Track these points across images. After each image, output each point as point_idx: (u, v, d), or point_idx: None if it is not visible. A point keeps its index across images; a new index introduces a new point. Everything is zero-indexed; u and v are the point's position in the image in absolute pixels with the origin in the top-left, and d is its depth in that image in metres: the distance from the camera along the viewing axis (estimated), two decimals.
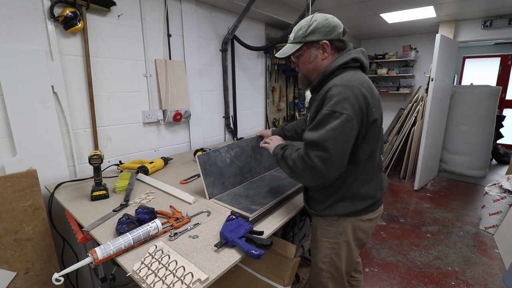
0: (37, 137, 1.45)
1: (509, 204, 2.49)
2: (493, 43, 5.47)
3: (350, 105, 0.87)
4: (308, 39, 1.00)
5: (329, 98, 0.90)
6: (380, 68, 5.08)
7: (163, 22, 2.01)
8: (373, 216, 1.09)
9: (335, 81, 0.94)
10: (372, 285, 1.96)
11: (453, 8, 3.33)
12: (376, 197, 1.06)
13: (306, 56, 1.03)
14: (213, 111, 2.57)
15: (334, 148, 0.87)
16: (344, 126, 0.86)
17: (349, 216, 1.05)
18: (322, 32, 0.99)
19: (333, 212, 1.05)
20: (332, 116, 0.87)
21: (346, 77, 0.93)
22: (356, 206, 1.03)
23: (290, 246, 1.24)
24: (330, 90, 0.91)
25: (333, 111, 0.87)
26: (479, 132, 3.93)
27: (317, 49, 1.01)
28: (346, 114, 0.86)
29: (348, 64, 0.98)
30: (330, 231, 1.09)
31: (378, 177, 1.08)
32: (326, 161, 0.87)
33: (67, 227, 1.43)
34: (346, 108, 0.86)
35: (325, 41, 0.99)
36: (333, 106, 0.88)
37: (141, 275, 0.76)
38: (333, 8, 3.24)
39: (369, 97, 0.91)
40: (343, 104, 0.87)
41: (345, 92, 0.88)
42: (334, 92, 0.89)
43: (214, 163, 1.33)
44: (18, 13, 1.36)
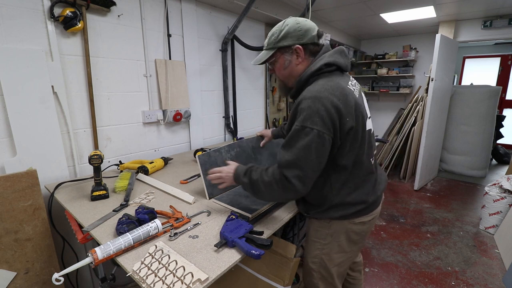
0: (37, 137, 1.45)
1: (509, 204, 2.49)
2: (493, 43, 5.47)
3: (320, 119, 0.85)
4: (280, 45, 0.98)
5: (300, 112, 0.88)
6: (380, 68, 5.08)
7: (163, 22, 2.01)
8: (366, 219, 1.07)
9: (305, 92, 0.91)
10: (372, 285, 1.96)
11: (453, 8, 3.33)
12: (368, 202, 1.04)
13: (281, 62, 1.02)
14: (213, 111, 2.57)
15: (308, 166, 0.87)
16: (316, 142, 0.85)
17: (341, 219, 1.05)
18: (294, 37, 0.96)
19: (326, 216, 1.05)
20: (303, 132, 0.86)
21: (316, 88, 0.90)
22: (347, 210, 1.02)
23: (290, 246, 1.24)
24: (301, 103, 0.89)
25: (304, 127, 0.86)
26: (479, 132, 3.94)
27: (290, 55, 0.99)
28: (316, 129, 0.84)
29: (321, 70, 0.95)
30: (322, 232, 1.09)
31: (368, 182, 1.05)
32: (303, 179, 0.88)
33: (67, 227, 1.43)
34: (316, 123, 0.85)
35: (298, 45, 0.97)
36: (303, 121, 0.86)
37: (141, 275, 0.76)
38: (333, 8, 3.24)
39: (342, 107, 0.87)
40: (313, 118, 0.85)
41: (315, 106, 0.85)
42: (304, 106, 0.87)
43: (215, 163, 1.32)
44: (18, 13, 1.36)
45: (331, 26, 4.12)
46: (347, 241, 1.09)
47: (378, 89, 5.18)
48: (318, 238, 1.11)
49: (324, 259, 1.11)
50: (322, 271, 1.14)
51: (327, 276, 1.14)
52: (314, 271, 1.15)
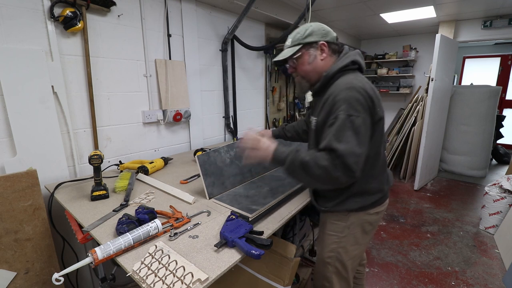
0: (37, 137, 1.45)
1: (509, 204, 2.49)
2: (493, 43, 5.47)
3: (361, 107, 0.92)
4: (306, 40, 1.05)
5: (340, 102, 0.93)
6: (380, 68, 5.08)
7: (163, 22, 2.01)
8: (380, 209, 1.14)
9: (340, 85, 0.97)
10: (372, 285, 1.96)
11: (453, 8, 3.33)
12: (384, 191, 1.12)
13: (305, 58, 1.07)
14: (213, 111, 2.57)
15: (362, 151, 0.91)
16: (363, 128, 0.91)
17: (359, 211, 1.09)
18: (319, 34, 1.05)
19: (344, 208, 1.09)
20: (349, 120, 0.90)
21: (349, 80, 0.97)
22: (366, 200, 1.08)
23: (290, 246, 1.24)
24: (339, 95, 0.94)
25: (349, 115, 0.91)
26: (479, 132, 3.93)
27: (315, 50, 1.06)
28: (362, 116, 0.91)
29: (347, 67, 1.02)
30: (339, 225, 1.13)
31: (384, 172, 1.13)
32: (359, 163, 0.91)
33: (67, 227, 1.43)
34: (359, 111, 0.91)
35: (323, 41, 1.05)
36: (347, 110, 0.91)
37: (141, 275, 0.76)
38: (333, 8, 3.24)
39: (374, 97, 0.95)
40: (356, 107, 0.91)
41: (354, 95, 0.92)
42: (343, 96, 0.93)
43: (214, 163, 1.33)
44: (18, 13, 1.36)
45: (331, 26, 4.09)
46: (362, 232, 1.14)
47: (378, 89, 5.18)
48: (335, 232, 1.14)
49: (340, 252, 1.15)
50: (338, 265, 1.16)
51: (342, 269, 1.17)
52: (330, 265, 1.17)
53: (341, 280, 1.19)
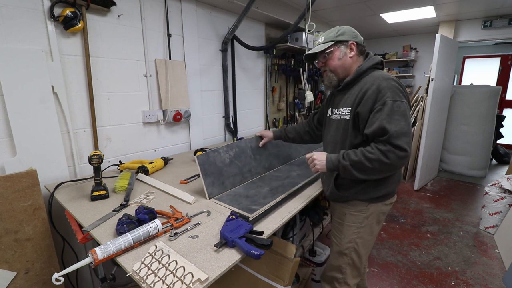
0: (37, 137, 1.45)
1: (509, 204, 2.49)
2: (493, 43, 5.47)
3: (403, 95, 1.04)
4: (339, 38, 1.16)
5: (385, 90, 1.03)
6: None
7: (163, 22, 2.01)
8: (393, 200, 1.23)
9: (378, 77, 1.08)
10: (372, 285, 1.96)
11: (453, 8, 3.33)
12: (400, 180, 1.21)
13: (336, 54, 1.17)
14: (213, 111, 2.57)
15: (410, 130, 1.02)
16: (407, 112, 1.03)
17: (380, 200, 1.17)
18: (350, 35, 1.17)
19: (367, 197, 1.15)
20: (396, 105, 1.01)
21: (383, 75, 1.09)
22: (388, 189, 1.15)
23: (290, 246, 1.24)
24: (381, 84, 1.05)
25: (395, 101, 1.01)
26: (479, 132, 3.93)
27: (346, 48, 1.17)
28: (405, 102, 1.04)
29: (377, 64, 1.17)
30: (359, 216, 1.19)
31: None
32: (410, 144, 1.01)
33: (67, 227, 1.43)
34: (402, 97, 1.03)
35: (353, 41, 1.16)
36: (393, 96, 1.02)
37: (141, 275, 0.76)
38: (333, 8, 3.24)
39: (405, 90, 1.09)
40: (399, 94, 1.03)
41: (394, 85, 1.05)
42: (386, 85, 1.04)
43: (214, 163, 1.33)
44: (18, 13, 1.36)
45: (331, 26, 4.11)
46: (377, 223, 1.22)
47: None
48: (354, 223, 1.20)
49: (358, 243, 1.21)
50: (354, 256, 1.23)
51: (357, 260, 1.24)
52: (347, 256, 1.24)
53: (353, 270, 1.26)
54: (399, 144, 0.98)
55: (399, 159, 0.99)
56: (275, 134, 1.59)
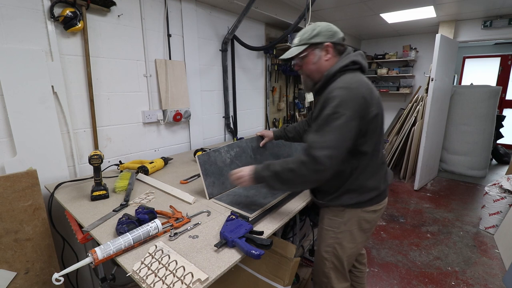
0: (37, 137, 1.45)
1: (509, 204, 2.49)
2: (493, 43, 5.47)
3: (350, 107, 0.94)
4: (313, 41, 1.07)
5: (332, 99, 0.96)
6: (380, 68, 5.08)
7: (163, 22, 2.01)
8: (377, 207, 1.14)
9: (336, 83, 1.00)
10: (372, 285, 1.96)
11: (453, 8, 3.33)
12: (380, 189, 1.12)
13: (311, 57, 1.09)
14: (213, 111, 2.57)
15: (338, 146, 0.94)
16: (345, 126, 0.93)
17: (355, 207, 1.11)
18: (325, 35, 1.06)
19: (339, 203, 1.11)
20: (334, 116, 0.94)
21: (346, 80, 1.00)
22: (362, 197, 1.10)
23: (290, 246, 1.24)
24: (333, 92, 0.97)
25: (335, 112, 0.94)
26: (479, 132, 3.93)
27: (321, 50, 1.08)
28: (346, 115, 0.93)
29: (347, 66, 1.05)
30: (336, 221, 1.15)
31: (382, 170, 1.14)
32: (332, 159, 0.93)
33: (67, 227, 1.43)
34: (347, 109, 0.93)
35: (329, 43, 1.06)
36: (335, 107, 0.94)
37: (141, 275, 0.76)
38: (333, 8, 3.24)
39: (368, 97, 0.98)
40: (344, 105, 0.94)
41: (346, 94, 0.95)
42: (336, 94, 0.96)
43: (214, 163, 1.33)
44: (18, 13, 1.36)
45: None
46: (359, 230, 1.15)
47: (378, 89, 5.18)
48: (331, 227, 1.16)
49: (337, 248, 1.17)
50: (334, 260, 1.19)
51: (339, 265, 1.19)
52: (327, 260, 1.20)
53: (338, 275, 1.21)
54: (318, 156, 0.92)
55: (313, 173, 0.94)
56: (275, 134, 1.59)
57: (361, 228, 1.15)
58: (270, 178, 1.03)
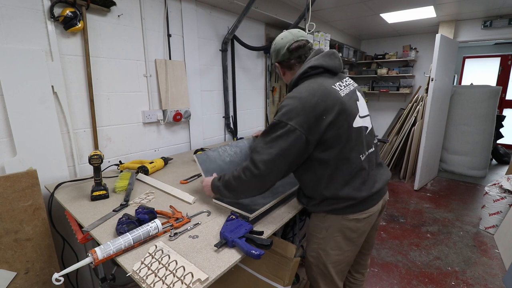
0: (37, 137, 1.45)
1: (509, 204, 2.49)
2: (493, 43, 5.47)
3: (295, 116, 0.93)
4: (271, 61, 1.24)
5: (280, 108, 0.99)
6: (380, 68, 5.08)
7: (163, 22, 2.01)
8: (360, 216, 1.07)
9: (288, 93, 1.04)
10: (372, 285, 1.96)
11: (453, 8, 3.33)
12: (357, 198, 1.03)
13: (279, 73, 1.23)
14: (213, 111, 2.57)
15: (277, 153, 0.95)
16: (287, 135, 0.94)
17: (334, 213, 1.08)
18: (273, 56, 1.19)
19: (320, 209, 1.10)
20: (278, 125, 0.96)
21: (299, 89, 1.01)
22: (338, 205, 1.05)
23: (290, 246, 1.24)
24: (283, 102, 1.00)
25: (280, 121, 0.96)
26: (479, 132, 3.94)
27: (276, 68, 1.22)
28: (290, 125, 0.93)
29: (307, 73, 1.04)
30: (318, 226, 1.13)
31: (358, 178, 1.04)
32: (268, 164, 0.95)
33: (67, 227, 1.43)
34: (291, 119, 0.93)
35: (276, 63, 1.18)
36: (280, 116, 0.96)
37: (141, 275, 0.76)
38: (333, 8, 3.24)
39: (321, 106, 0.94)
40: (289, 115, 0.94)
41: (293, 104, 0.95)
42: (284, 104, 0.99)
43: (214, 161, 1.33)
44: (18, 13, 1.36)
45: (331, 26, 4.12)
46: (343, 238, 1.10)
47: (378, 89, 5.18)
48: (315, 232, 1.15)
49: (321, 254, 1.14)
50: (320, 266, 1.16)
51: (325, 272, 1.16)
52: (313, 265, 1.19)
53: (326, 281, 1.18)
54: (255, 160, 0.96)
55: (252, 177, 0.97)
56: None
57: (346, 237, 1.09)
58: (221, 188, 1.07)
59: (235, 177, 1.02)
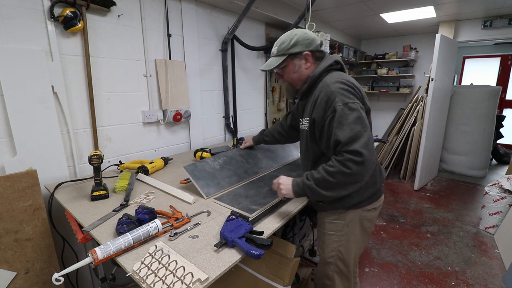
0: (37, 137, 1.45)
1: (509, 204, 2.49)
2: (493, 43, 5.47)
3: (354, 96, 0.98)
4: (291, 51, 1.08)
5: (333, 95, 0.97)
6: (380, 68, 5.08)
7: (163, 22, 2.01)
8: (376, 205, 1.16)
9: (327, 80, 1.02)
10: (372, 285, 1.96)
11: (453, 8, 3.33)
12: (377, 184, 1.13)
13: (291, 67, 1.11)
14: (213, 111, 2.57)
15: (367, 133, 0.94)
16: (361, 113, 0.95)
17: (356, 207, 1.11)
18: (303, 44, 1.08)
19: (340, 205, 1.11)
20: (347, 108, 0.94)
21: (335, 76, 1.03)
22: (362, 196, 1.09)
23: (290, 246, 1.24)
24: (329, 88, 0.99)
25: (345, 104, 0.95)
26: (479, 132, 3.94)
27: (300, 60, 1.10)
28: (357, 103, 0.96)
29: (332, 66, 1.08)
30: (338, 224, 1.14)
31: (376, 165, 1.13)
32: (368, 147, 0.92)
33: (67, 227, 1.43)
34: (354, 99, 0.96)
35: (307, 51, 1.08)
36: (342, 100, 0.95)
37: (141, 275, 0.76)
38: (333, 8, 3.24)
39: (361, 90, 1.03)
40: (350, 96, 0.96)
41: (344, 87, 0.98)
42: (335, 89, 0.97)
43: (203, 169, 1.38)
44: (18, 13, 1.36)
45: (331, 26, 4.12)
46: (361, 229, 1.16)
47: (378, 89, 5.18)
48: (334, 231, 1.16)
49: (342, 251, 1.16)
50: (340, 264, 1.18)
51: (344, 268, 1.19)
52: (332, 264, 1.19)
53: (342, 278, 1.21)
54: (354, 149, 0.91)
55: (359, 165, 0.91)
56: (254, 139, 1.67)
57: (363, 228, 1.16)
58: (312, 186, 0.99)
59: (333, 173, 0.94)
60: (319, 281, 1.29)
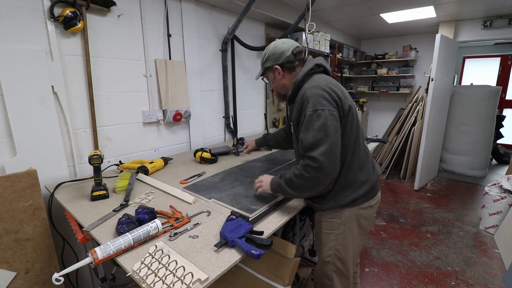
0: (37, 137, 1.45)
1: (509, 204, 2.49)
2: (493, 43, 5.47)
3: (326, 101, 1.00)
4: (265, 65, 1.22)
5: (307, 100, 1.02)
6: (380, 68, 5.08)
7: (163, 22, 2.01)
8: (372, 203, 1.18)
9: (307, 85, 1.08)
10: (372, 285, 1.96)
11: (453, 8, 3.34)
12: (372, 181, 1.16)
13: (270, 78, 1.25)
14: (213, 111, 2.57)
15: (330, 141, 0.97)
16: (330, 120, 0.98)
17: (352, 206, 1.12)
18: (272, 59, 1.18)
19: (336, 204, 1.12)
20: (316, 114, 0.99)
21: (314, 80, 1.08)
22: (357, 193, 1.11)
23: (290, 246, 1.24)
24: (305, 94, 1.04)
25: (315, 110, 0.99)
26: (479, 132, 3.94)
27: (273, 73, 1.21)
28: (327, 109, 0.99)
29: (313, 70, 1.13)
30: (334, 223, 1.16)
31: (368, 163, 1.17)
32: (329, 154, 0.96)
33: (67, 227, 1.43)
34: (325, 105, 0.99)
35: (276, 65, 1.18)
36: (313, 106, 1.00)
37: (141, 275, 0.76)
38: (333, 8, 3.24)
39: (338, 92, 1.05)
40: (322, 101, 0.99)
41: (318, 92, 1.01)
42: (309, 94, 1.02)
43: (203, 185, 1.41)
44: (18, 13, 1.36)
45: (331, 26, 4.12)
46: (358, 228, 1.17)
47: (378, 89, 5.18)
48: (331, 230, 1.17)
49: (339, 250, 1.17)
50: (337, 263, 1.19)
51: (342, 267, 1.20)
52: (330, 263, 1.20)
53: (341, 277, 1.22)
54: (312, 156, 0.96)
55: (316, 171, 0.97)
56: (257, 142, 1.71)
57: (360, 226, 1.17)
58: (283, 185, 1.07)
59: (297, 176, 1.02)
60: (319, 281, 1.29)
